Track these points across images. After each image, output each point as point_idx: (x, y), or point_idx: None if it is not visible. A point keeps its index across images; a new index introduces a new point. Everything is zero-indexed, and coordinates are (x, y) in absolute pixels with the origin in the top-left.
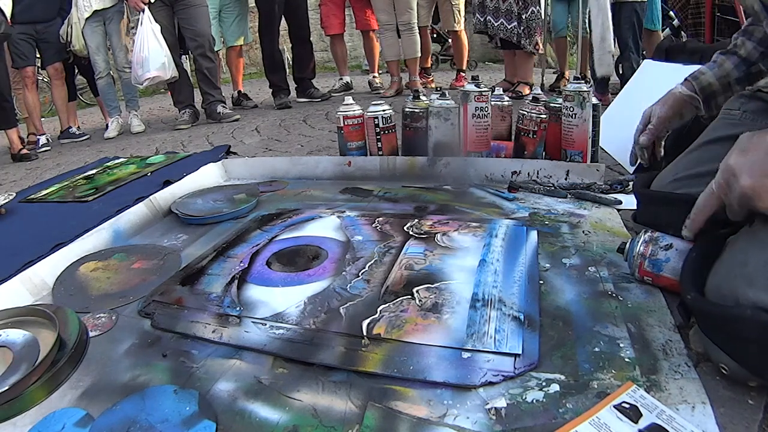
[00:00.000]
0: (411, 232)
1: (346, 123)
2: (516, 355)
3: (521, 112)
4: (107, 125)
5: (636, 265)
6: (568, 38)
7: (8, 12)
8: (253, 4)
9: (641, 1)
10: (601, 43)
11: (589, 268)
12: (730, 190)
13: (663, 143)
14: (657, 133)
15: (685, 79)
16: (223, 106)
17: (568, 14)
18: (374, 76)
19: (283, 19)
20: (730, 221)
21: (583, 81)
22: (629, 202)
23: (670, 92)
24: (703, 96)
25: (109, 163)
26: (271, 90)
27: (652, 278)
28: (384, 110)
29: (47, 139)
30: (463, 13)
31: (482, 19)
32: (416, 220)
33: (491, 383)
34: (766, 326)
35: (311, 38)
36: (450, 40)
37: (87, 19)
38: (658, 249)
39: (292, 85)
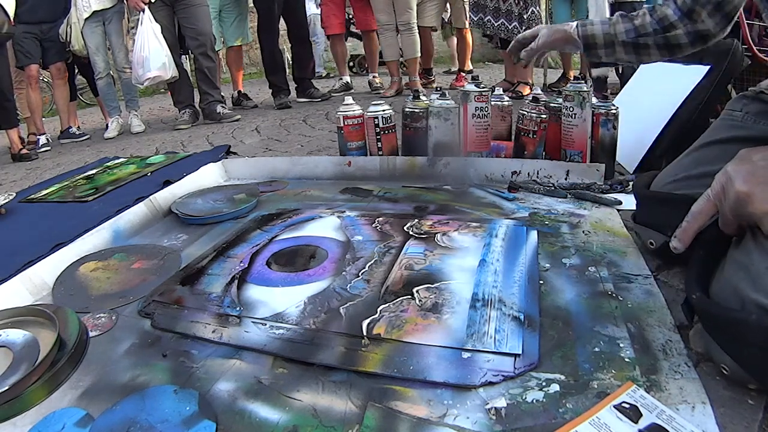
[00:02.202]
0: (411, 232)
1: (346, 123)
2: (516, 355)
3: (521, 112)
4: (107, 125)
5: None
6: None
7: (11, 12)
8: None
9: (640, 1)
10: None
11: (589, 268)
12: (725, 195)
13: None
14: (537, 53)
15: (577, 23)
16: (223, 106)
17: (571, 14)
18: (374, 76)
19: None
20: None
21: (583, 81)
22: (629, 202)
23: (563, 26)
24: (584, 42)
25: (109, 163)
26: (271, 90)
27: None
28: (384, 110)
29: (47, 139)
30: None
31: (476, 18)
32: (416, 220)
33: (491, 383)
34: None
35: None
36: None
37: (86, 19)
38: None
39: (292, 85)
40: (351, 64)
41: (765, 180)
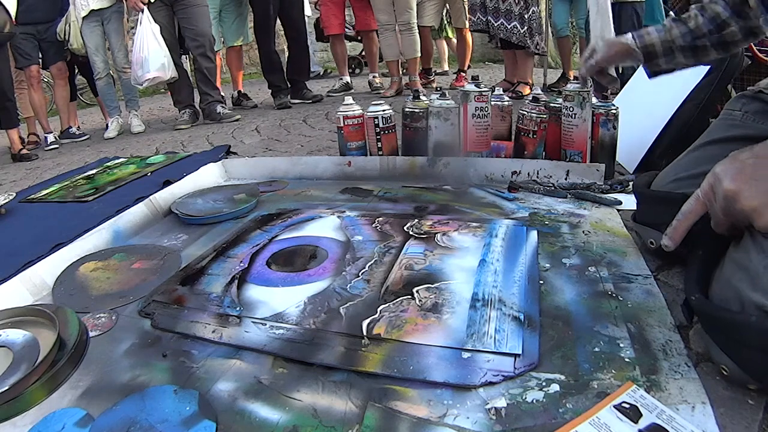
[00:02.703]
0: (411, 232)
1: (346, 123)
2: (516, 355)
3: (521, 112)
4: (107, 125)
5: None
6: (570, 38)
7: (13, 11)
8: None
9: (641, 1)
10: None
11: (589, 268)
12: (715, 195)
13: (613, 69)
14: (597, 68)
15: (632, 35)
16: (223, 106)
17: (570, 14)
18: (374, 76)
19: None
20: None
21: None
22: (629, 202)
23: (619, 39)
24: (644, 53)
25: (109, 163)
26: (270, 90)
27: None
28: (384, 110)
29: (55, 137)
30: None
31: (484, 19)
32: (416, 220)
33: (491, 383)
34: None
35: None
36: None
37: (84, 18)
38: None
39: None
40: None
41: (752, 176)
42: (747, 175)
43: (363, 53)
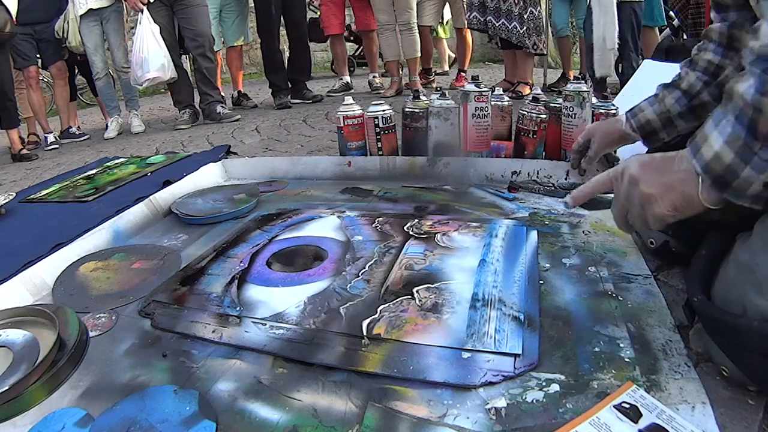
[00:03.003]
0: (411, 232)
1: (346, 123)
2: (516, 355)
3: (521, 112)
4: (107, 125)
5: None
6: (570, 38)
7: (14, 11)
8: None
9: (639, 1)
10: (602, 43)
11: (589, 268)
12: (622, 177)
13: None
14: (596, 159)
15: (626, 115)
16: (223, 106)
17: (570, 14)
18: (374, 76)
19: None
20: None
21: (583, 81)
22: None
23: (613, 123)
24: (642, 133)
25: (109, 163)
26: (271, 90)
27: None
28: (384, 110)
29: (55, 137)
30: None
31: (483, 19)
32: (416, 220)
33: (491, 383)
34: None
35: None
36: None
37: (82, 17)
38: None
39: None
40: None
41: (656, 169)
42: (652, 167)
43: (357, 53)
